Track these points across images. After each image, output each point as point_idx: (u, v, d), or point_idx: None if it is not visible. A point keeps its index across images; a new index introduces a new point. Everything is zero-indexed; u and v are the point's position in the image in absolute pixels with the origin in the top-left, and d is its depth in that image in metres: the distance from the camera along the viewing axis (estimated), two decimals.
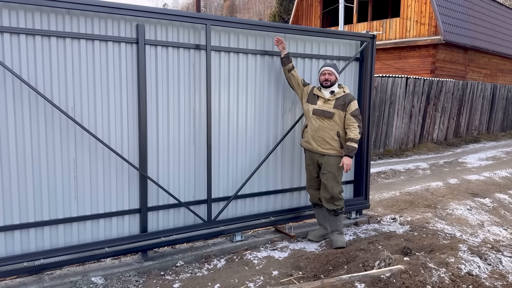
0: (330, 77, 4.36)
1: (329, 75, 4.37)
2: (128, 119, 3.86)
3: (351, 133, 4.30)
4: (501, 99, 15.74)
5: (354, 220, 5.32)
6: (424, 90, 11.97)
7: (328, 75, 4.37)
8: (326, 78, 4.36)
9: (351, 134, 4.29)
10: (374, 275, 3.35)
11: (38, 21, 3.39)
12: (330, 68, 4.39)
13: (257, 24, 4.56)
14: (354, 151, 4.30)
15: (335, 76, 4.39)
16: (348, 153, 4.29)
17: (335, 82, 4.40)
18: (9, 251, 3.42)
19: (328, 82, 4.37)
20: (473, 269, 3.59)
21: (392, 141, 11.23)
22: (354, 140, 4.28)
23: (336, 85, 4.42)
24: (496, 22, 19.79)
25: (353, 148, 4.28)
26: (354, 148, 4.29)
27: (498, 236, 4.93)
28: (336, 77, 4.40)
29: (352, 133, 4.30)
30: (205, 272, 3.90)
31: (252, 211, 4.68)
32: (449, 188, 7.38)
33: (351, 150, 4.29)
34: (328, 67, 4.39)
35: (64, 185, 3.60)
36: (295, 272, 3.88)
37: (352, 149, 4.29)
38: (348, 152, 4.29)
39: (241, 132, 4.52)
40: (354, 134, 4.29)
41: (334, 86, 4.40)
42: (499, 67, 20.47)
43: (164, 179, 4.09)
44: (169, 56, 4.01)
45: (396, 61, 17.52)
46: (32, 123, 3.43)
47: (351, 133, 4.29)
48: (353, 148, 4.28)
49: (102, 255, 3.71)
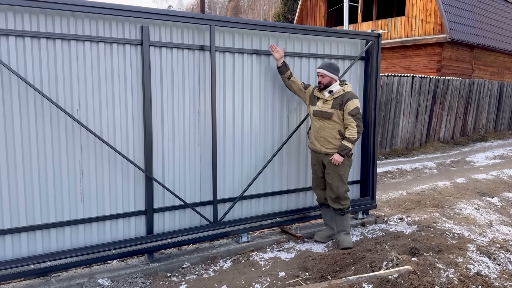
0: (323, 79, 4.30)
1: (321, 78, 4.31)
2: (133, 121, 3.86)
3: (347, 133, 4.27)
4: (508, 97, 15.59)
5: (361, 220, 5.28)
6: (430, 88, 11.89)
7: (321, 77, 4.32)
8: (319, 80, 4.34)
9: (348, 133, 4.26)
10: (382, 276, 3.31)
11: (43, 23, 3.40)
12: (322, 70, 4.29)
13: (262, 24, 4.54)
14: (347, 150, 4.26)
15: (328, 77, 4.30)
16: (340, 151, 4.26)
17: (330, 83, 4.32)
18: (16, 253, 3.43)
19: (321, 85, 4.33)
20: (482, 269, 3.54)
21: (398, 140, 11.17)
22: (350, 140, 4.24)
23: (336, 83, 4.34)
24: (502, 20, 19.63)
25: (346, 147, 4.25)
26: (347, 147, 4.25)
27: (507, 235, 4.88)
28: (330, 77, 4.30)
29: (349, 132, 4.26)
30: (211, 273, 3.89)
31: (258, 212, 4.67)
32: (457, 187, 7.32)
33: (343, 149, 4.25)
34: (319, 69, 4.32)
35: (70, 187, 3.61)
36: (301, 273, 3.86)
37: (344, 148, 4.25)
38: (340, 151, 4.26)
39: (246, 132, 4.51)
40: (350, 133, 4.25)
41: (333, 85, 4.33)
42: (506, 65, 20.29)
43: (169, 181, 4.08)
44: (174, 57, 4.01)
45: (401, 60, 17.43)
46: (37, 126, 3.44)
47: (348, 133, 4.26)
48: (345, 147, 4.25)
49: (108, 257, 3.72)
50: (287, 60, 4.66)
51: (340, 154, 4.27)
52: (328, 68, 4.30)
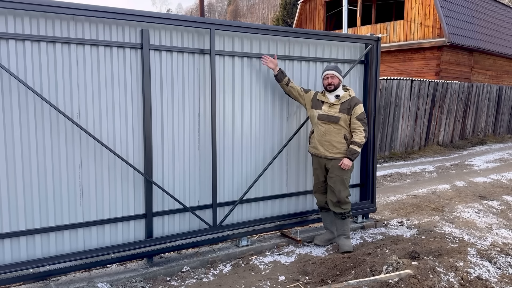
0: (333, 80, 4.33)
1: (332, 79, 4.33)
2: (133, 124, 3.86)
3: (356, 137, 4.29)
4: (507, 101, 15.63)
5: (361, 224, 5.28)
6: (429, 92, 11.91)
7: (331, 78, 4.34)
8: (329, 82, 4.34)
9: (356, 137, 4.29)
10: (382, 280, 3.31)
11: (43, 27, 3.40)
12: (332, 71, 4.34)
13: (261, 28, 4.55)
14: (356, 154, 4.30)
15: (338, 79, 4.35)
16: (350, 156, 4.28)
17: (339, 85, 4.37)
18: (15, 257, 3.42)
19: (332, 86, 4.34)
20: (483, 273, 3.54)
21: (397, 143, 11.18)
22: (358, 144, 4.27)
23: (340, 87, 4.39)
24: (501, 24, 19.70)
25: (355, 151, 4.28)
26: (356, 151, 4.28)
27: (507, 239, 4.87)
28: (339, 79, 4.37)
29: (357, 136, 4.28)
30: (211, 277, 3.87)
31: (257, 215, 4.66)
32: (456, 190, 7.31)
33: (353, 153, 4.28)
34: (330, 71, 4.35)
35: (70, 191, 3.60)
36: (301, 277, 3.85)
37: (354, 152, 4.28)
38: (350, 155, 4.28)
39: (246, 136, 4.50)
40: (359, 138, 4.27)
41: (338, 89, 4.37)
42: (505, 69, 20.35)
43: (169, 184, 4.07)
44: (174, 61, 4.01)
45: (400, 63, 17.47)
46: (37, 129, 3.43)
47: (356, 137, 4.29)
48: (355, 152, 4.28)
49: (107, 261, 3.70)
50: (286, 64, 4.67)
51: (349, 159, 4.28)
52: (336, 70, 4.36)
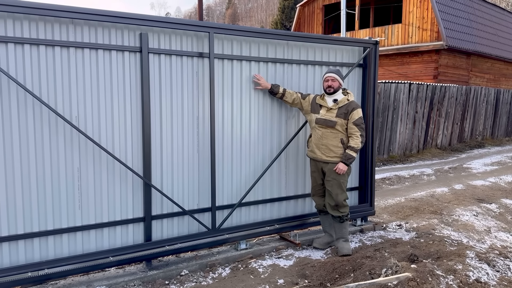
0: (333, 83, 4.35)
1: (332, 81, 4.35)
2: (132, 128, 3.86)
3: (352, 142, 4.30)
4: (505, 104, 15.68)
5: (360, 227, 5.28)
6: (428, 95, 11.94)
7: (331, 81, 4.35)
8: (329, 84, 4.36)
9: (352, 142, 4.29)
10: (381, 283, 3.31)
11: (42, 30, 3.41)
12: (333, 74, 4.36)
13: (260, 31, 4.56)
14: (351, 159, 4.31)
15: (338, 82, 4.37)
16: (345, 161, 4.29)
17: (338, 88, 4.39)
18: (13, 261, 3.41)
19: (331, 89, 4.35)
20: (482, 276, 3.54)
21: (396, 147, 11.19)
22: (354, 149, 4.28)
23: (340, 91, 4.41)
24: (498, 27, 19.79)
25: (351, 156, 4.29)
26: (351, 156, 4.29)
27: (506, 242, 4.88)
28: (339, 83, 4.38)
29: (353, 141, 4.29)
30: (210, 281, 3.87)
31: (256, 218, 4.66)
32: (455, 193, 7.32)
33: (348, 158, 4.29)
34: (331, 73, 4.37)
35: (68, 194, 3.59)
36: (300, 281, 3.84)
37: (349, 157, 4.29)
38: (345, 160, 4.29)
39: (245, 139, 4.51)
40: (355, 142, 4.28)
41: (338, 92, 4.39)
42: (502, 72, 20.43)
43: (168, 187, 4.07)
44: (173, 64, 4.02)
45: (398, 67, 17.52)
46: (36, 132, 3.43)
47: (352, 142, 4.30)
48: (350, 157, 4.29)
49: (106, 264, 3.69)
50: (285, 67, 4.68)
51: (344, 163, 4.29)
52: (337, 73, 4.39)
